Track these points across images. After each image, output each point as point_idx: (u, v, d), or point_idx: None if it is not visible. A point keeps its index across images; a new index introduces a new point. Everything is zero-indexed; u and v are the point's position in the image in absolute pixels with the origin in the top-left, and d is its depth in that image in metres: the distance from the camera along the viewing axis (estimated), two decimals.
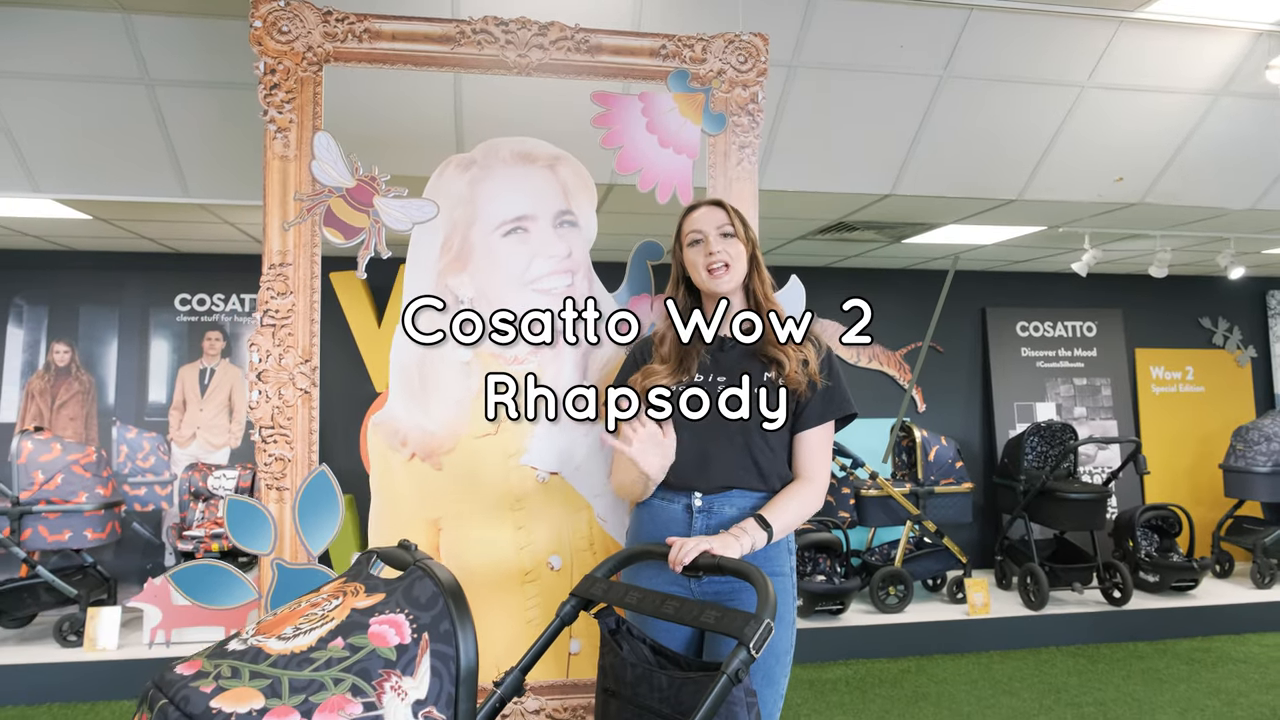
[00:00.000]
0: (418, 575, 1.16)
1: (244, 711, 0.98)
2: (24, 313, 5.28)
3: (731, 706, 1.40)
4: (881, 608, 4.92)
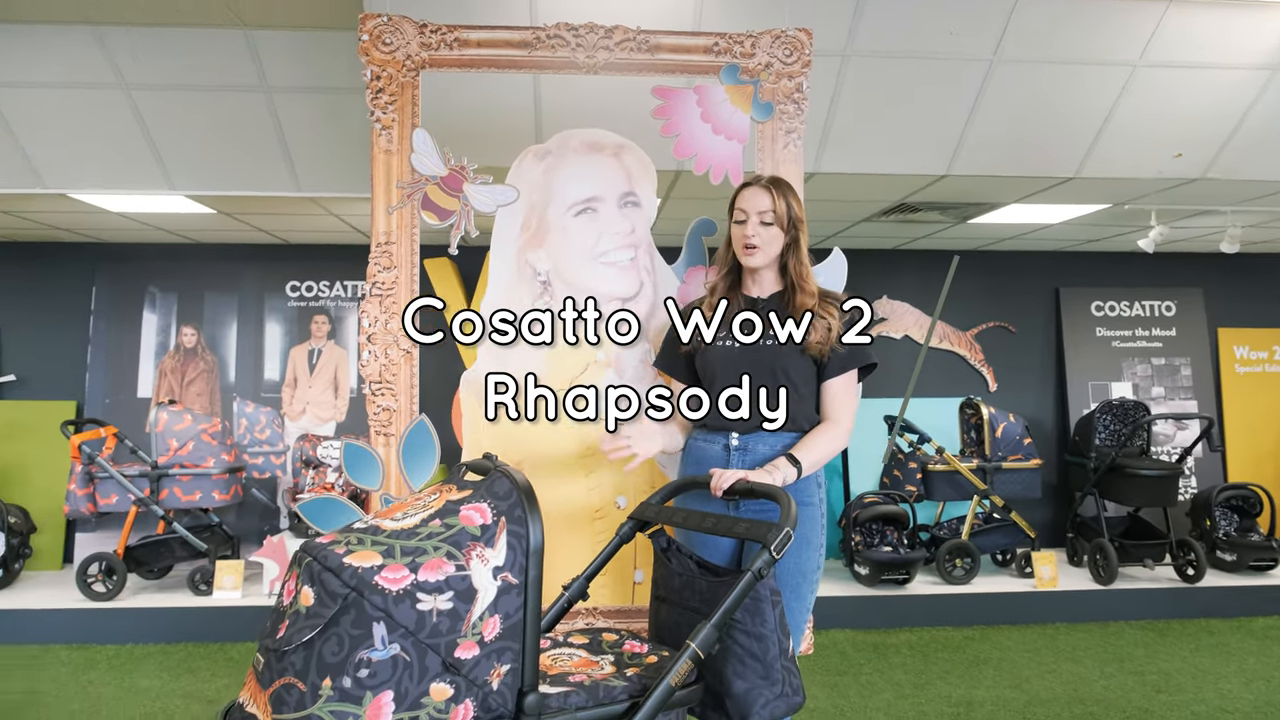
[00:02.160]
0: (498, 476, 1.46)
1: (367, 565, 1.29)
2: (156, 299, 5.88)
3: (759, 603, 1.66)
4: (948, 579, 5.06)
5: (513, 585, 1.37)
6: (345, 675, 1.24)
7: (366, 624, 1.26)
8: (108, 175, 4.08)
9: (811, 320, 2.02)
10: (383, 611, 1.26)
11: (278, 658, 1.26)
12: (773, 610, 1.66)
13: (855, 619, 4.84)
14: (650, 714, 1.46)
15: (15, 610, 4.64)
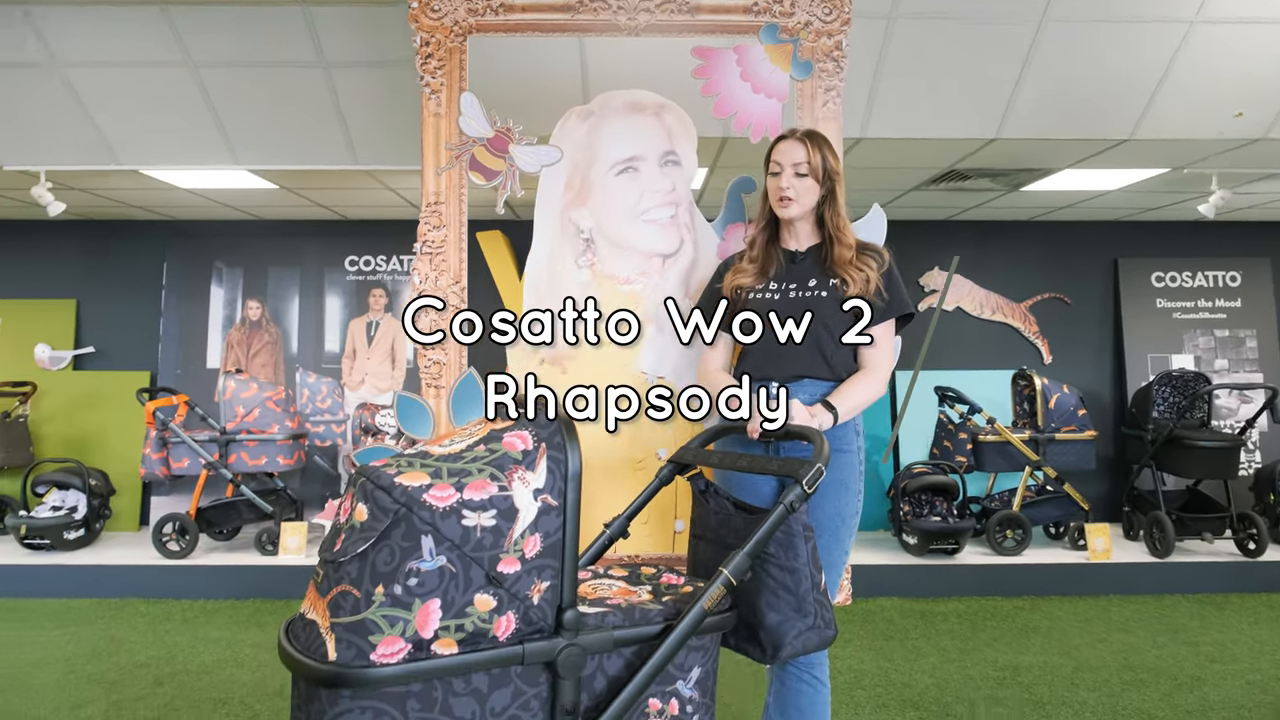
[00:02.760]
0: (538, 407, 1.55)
1: (416, 485, 1.38)
2: (223, 274, 6.12)
3: (792, 538, 1.71)
4: (999, 550, 5.03)
5: (552, 507, 1.45)
6: (396, 583, 1.33)
7: (415, 537, 1.35)
8: (176, 151, 4.27)
9: (849, 275, 2.05)
10: (430, 526, 1.35)
11: (335, 568, 1.36)
12: (805, 545, 1.71)
13: (903, 587, 4.85)
14: (683, 635, 1.53)
15: (97, 566, 4.91)
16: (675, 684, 1.59)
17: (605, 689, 1.51)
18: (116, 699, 3.38)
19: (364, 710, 1.32)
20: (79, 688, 3.50)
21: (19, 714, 3.23)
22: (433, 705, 1.35)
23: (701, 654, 1.62)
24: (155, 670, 3.71)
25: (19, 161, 4.35)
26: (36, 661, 3.81)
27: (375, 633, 1.31)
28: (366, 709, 1.32)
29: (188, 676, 3.63)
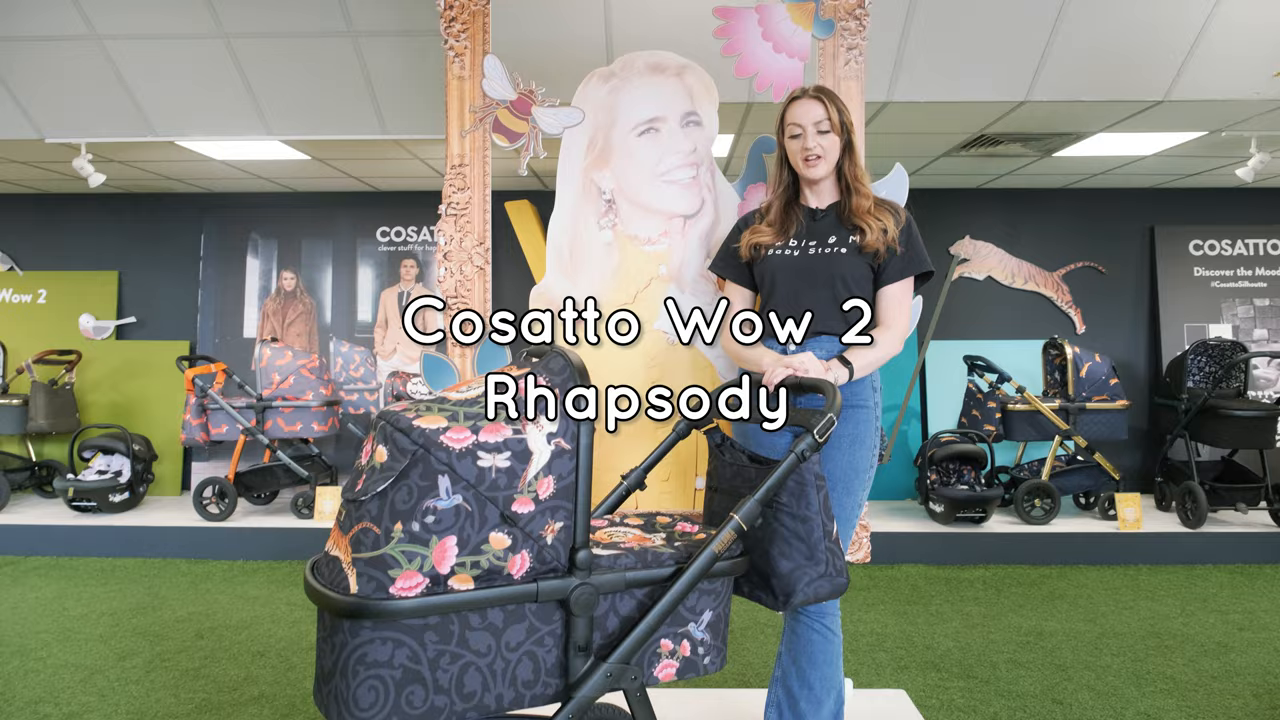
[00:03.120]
0: (554, 355, 1.58)
1: (434, 428, 1.43)
2: (259, 246, 6.24)
3: (804, 487, 1.74)
4: (1026, 519, 5.01)
5: (565, 450, 1.49)
6: (414, 520, 1.38)
7: (432, 476, 1.40)
8: (211, 122, 4.35)
9: (867, 224, 2.06)
10: (447, 466, 1.40)
11: (356, 507, 1.42)
12: (817, 494, 1.74)
13: (928, 554, 4.86)
14: (694, 577, 1.57)
15: (141, 527, 5.08)
16: (687, 626, 1.63)
17: (618, 628, 1.55)
18: (160, 650, 3.52)
19: (384, 641, 1.37)
20: (124, 639, 3.65)
21: (68, 664, 3.37)
22: (450, 638, 1.41)
23: (713, 598, 1.66)
24: (196, 624, 3.84)
25: (60, 134, 4.47)
26: (84, 615, 3.97)
27: (394, 567, 1.37)
28: (387, 640, 1.37)
29: (227, 631, 3.76)
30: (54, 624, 3.85)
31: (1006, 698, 3.04)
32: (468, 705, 1.43)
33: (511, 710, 1.48)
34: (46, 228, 6.41)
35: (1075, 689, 3.12)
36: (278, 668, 3.33)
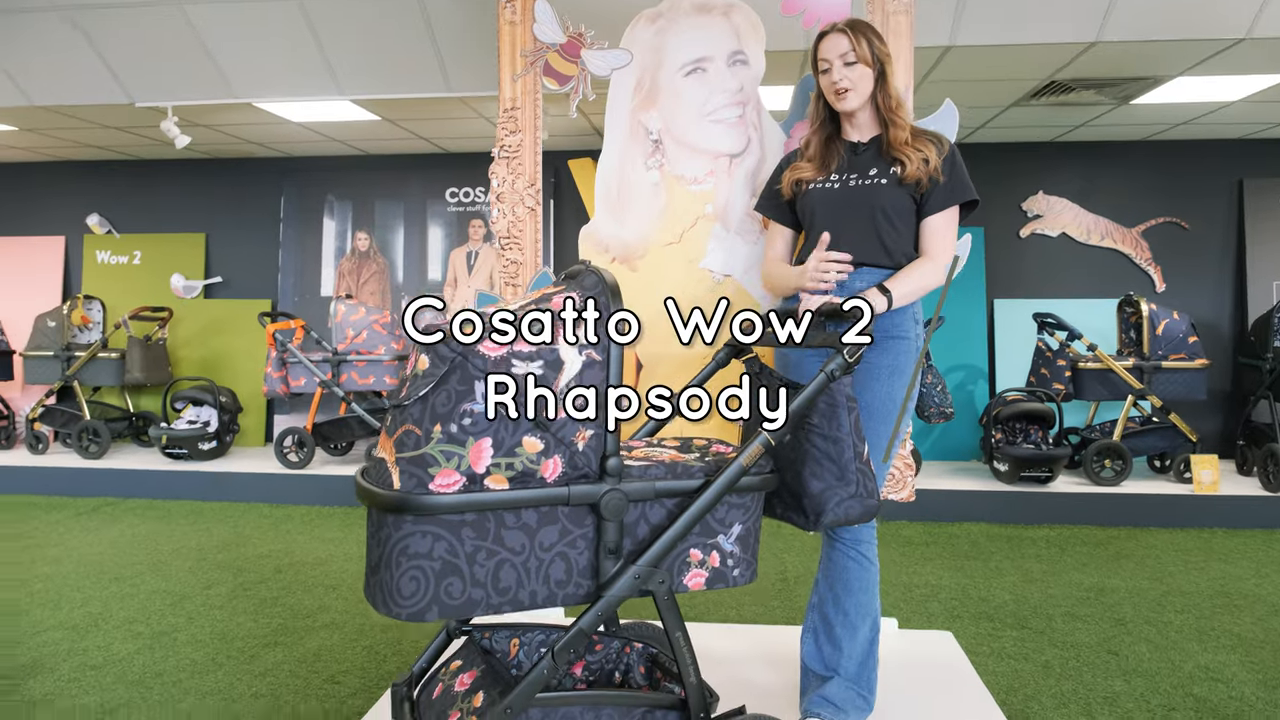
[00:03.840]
0: (587, 272, 1.64)
1: (470, 338, 1.52)
2: (334, 208, 6.46)
3: (835, 408, 1.77)
4: (1096, 480, 4.90)
5: (596, 361, 1.55)
6: (452, 422, 1.47)
7: (470, 382, 1.48)
8: (285, 82, 4.52)
9: (906, 155, 2.05)
10: (483, 372, 1.48)
11: (400, 411, 1.51)
12: (848, 415, 1.77)
13: (990, 513, 4.80)
14: (721, 488, 1.62)
15: (227, 473, 5.38)
16: (716, 537, 1.69)
17: (648, 535, 1.62)
18: (242, 581, 3.75)
19: (424, 534, 1.47)
20: (210, 571, 3.89)
21: (159, 590, 3.63)
22: (486, 535, 1.49)
23: (742, 512, 1.70)
24: (275, 560, 4.07)
25: (149, 98, 4.71)
26: (174, 550, 4.25)
27: (433, 465, 1.46)
28: (427, 533, 1.47)
29: (303, 567, 3.98)
30: (147, 557, 4.13)
31: (1060, 648, 3.02)
32: (503, 599, 1.52)
33: (545, 606, 1.56)
34: (141, 192, 6.77)
35: (1133, 642, 3.08)
36: (348, 599, 3.52)
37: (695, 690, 1.64)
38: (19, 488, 5.51)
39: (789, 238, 2.26)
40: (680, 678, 1.64)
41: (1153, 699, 2.62)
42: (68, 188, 6.83)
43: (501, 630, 1.85)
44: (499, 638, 1.84)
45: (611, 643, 1.91)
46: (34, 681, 2.72)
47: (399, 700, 1.71)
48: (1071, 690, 2.68)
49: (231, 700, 2.59)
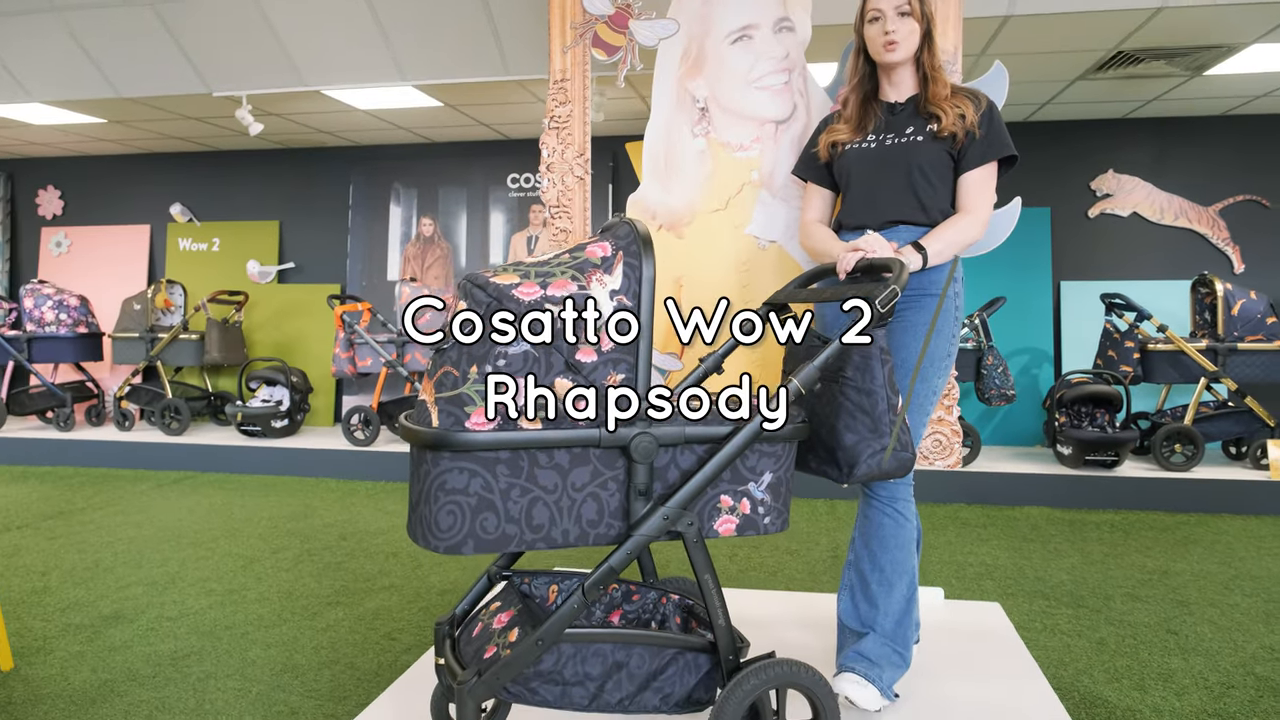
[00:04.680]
0: (620, 223, 1.69)
1: (507, 284, 1.57)
2: (400, 194, 6.65)
3: (869, 360, 1.78)
4: (1165, 465, 4.75)
5: (626, 306, 1.60)
6: (488, 364, 1.53)
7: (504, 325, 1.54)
8: (351, 69, 4.68)
9: (943, 110, 2.04)
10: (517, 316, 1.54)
11: (440, 354, 1.58)
12: (881, 367, 1.77)
13: (1052, 497, 4.70)
14: (750, 434, 1.64)
15: (297, 449, 5.59)
16: (747, 485, 1.71)
17: (678, 479, 1.65)
18: (308, 547, 3.91)
19: (461, 470, 1.53)
20: (279, 538, 4.07)
21: (232, 553, 3.81)
22: (519, 473, 1.55)
23: (773, 460, 1.73)
24: (340, 530, 4.23)
25: (224, 87, 4.92)
26: (246, 519, 4.45)
27: (469, 404, 1.52)
28: (463, 470, 1.53)
29: (366, 536, 4.12)
30: (222, 524, 4.33)
31: (1116, 625, 2.96)
32: (536, 536, 1.57)
33: (577, 545, 1.61)
34: (218, 182, 7.06)
35: (1195, 623, 3.00)
36: (407, 565, 3.64)
37: (724, 633, 1.67)
38: (107, 461, 5.82)
39: (827, 199, 2.26)
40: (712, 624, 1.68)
41: (1211, 676, 2.55)
42: (153, 179, 7.17)
43: (541, 576, 1.91)
44: (538, 583, 1.90)
45: (649, 593, 1.96)
46: (115, 630, 2.89)
47: (441, 638, 1.79)
48: (1125, 666, 2.62)
49: (294, 652, 2.71)
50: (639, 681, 1.66)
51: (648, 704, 1.67)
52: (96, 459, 5.85)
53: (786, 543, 4.01)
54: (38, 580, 3.42)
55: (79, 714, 2.28)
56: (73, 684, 2.47)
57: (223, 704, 2.35)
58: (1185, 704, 2.37)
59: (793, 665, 1.65)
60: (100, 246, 7.23)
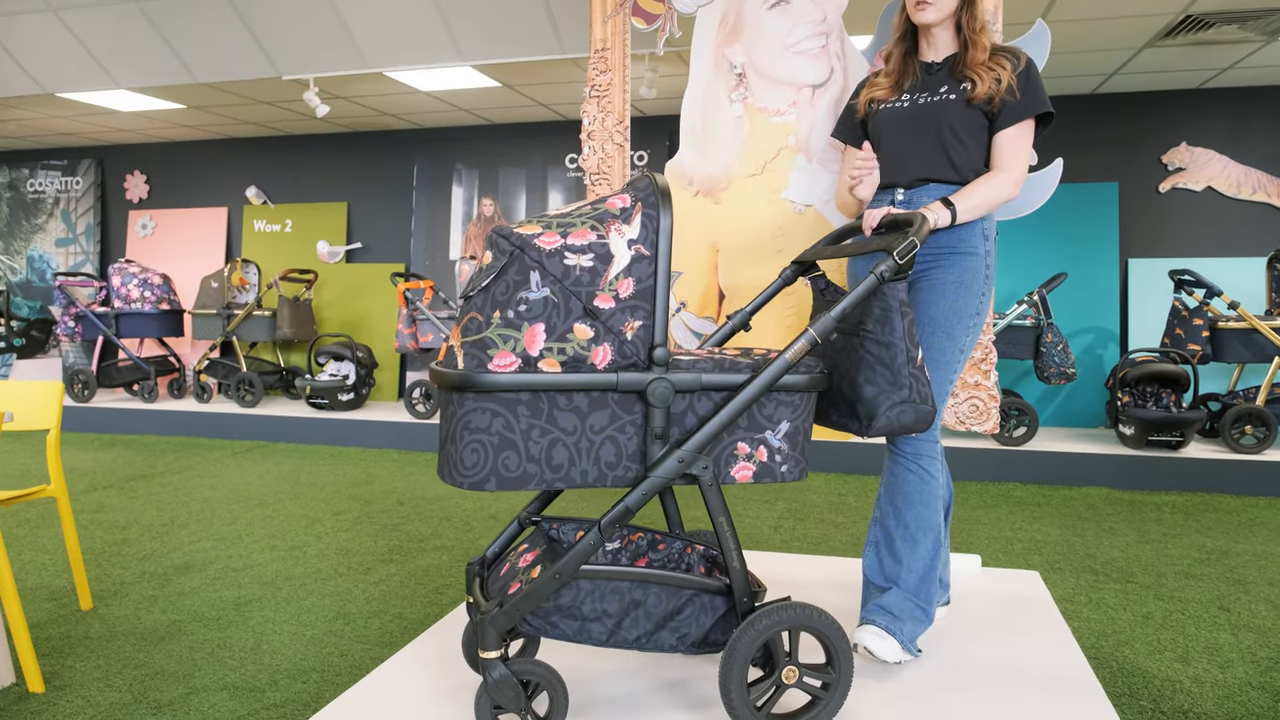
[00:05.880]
0: (640, 176, 1.74)
1: (530, 233, 1.64)
2: (462, 175, 6.80)
3: (888, 313, 1.79)
4: (1234, 448, 4.59)
5: (645, 256, 1.65)
6: (510, 309, 1.60)
7: (526, 272, 1.61)
8: (411, 50, 4.81)
9: (979, 74, 2.03)
10: (538, 263, 1.61)
11: (468, 301, 1.66)
12: (901, 320, 1.79)
13: (1112, 478, 4.59)
14: (766, 380, 1.68)
15: (362, 421, 5.80)
16: (764, 433, 1.75)
17: (695, 425, 1.70)
18: (367, 510, 4.07)
19: (484, 411, 1.61)
20: (341, 501, 4.24)
21: (296, 514, 3.99)
22: (540, 414, 1.62)
23: (791, 409, 1.76)
24: (399, 495, 4.39)
25: (293, 71, 5.11)
26: (312, 484, 4.64)
27: (492, 347, 1.60)
28: (486, 410, 1.61)
29: (423, 501, 4.27)
30: (288, 488, 4.54)
31: (1165, 601, 2.90)
32: (556, 475, 1.64)
33: (596, 486, 1.68)
34: (290, 166, 7.33)
35: (1250, 600, 2.91)
36: (459, 529, 3.77)
37: (739, 575, 1.71)
38: (186, 431, 6.13)
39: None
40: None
41: (1260, 652, 2.49)
42: (230, 163, 7.48)
43: (569, 523, 1.98)
44: (565, 529, 1.97)
45: (674, 543, 2.01)
46: (185, 578, 3.08)
47: (471, 577, 1.87)
48: (1170, 640, 2.57)
49: (347, 602, 2.85)
50: (656, 620, 1.71)
51: (664, 643, 1.73)
52: (177, 428, 6.17)
53: (833, 515, 4.01)
54: (118, 533, 3.65)
55: (148, 648, 2.45)
56: (144, 623, 2.64)
57: (278, 644, 2.49)
58: (1229, 676, 2.32)
59: (806, 608, 1.69)
60: (182, 228, 7.58)
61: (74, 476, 4.83)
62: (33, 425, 2.56)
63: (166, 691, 2.19)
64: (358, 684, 1.96)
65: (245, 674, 2.29)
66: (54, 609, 2.77)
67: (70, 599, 2.86)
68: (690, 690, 1.91)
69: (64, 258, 7.85)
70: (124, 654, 2.41)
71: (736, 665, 1.65)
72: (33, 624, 2.64)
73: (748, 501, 4.29)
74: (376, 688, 1.93)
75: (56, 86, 5.53)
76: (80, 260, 7.81)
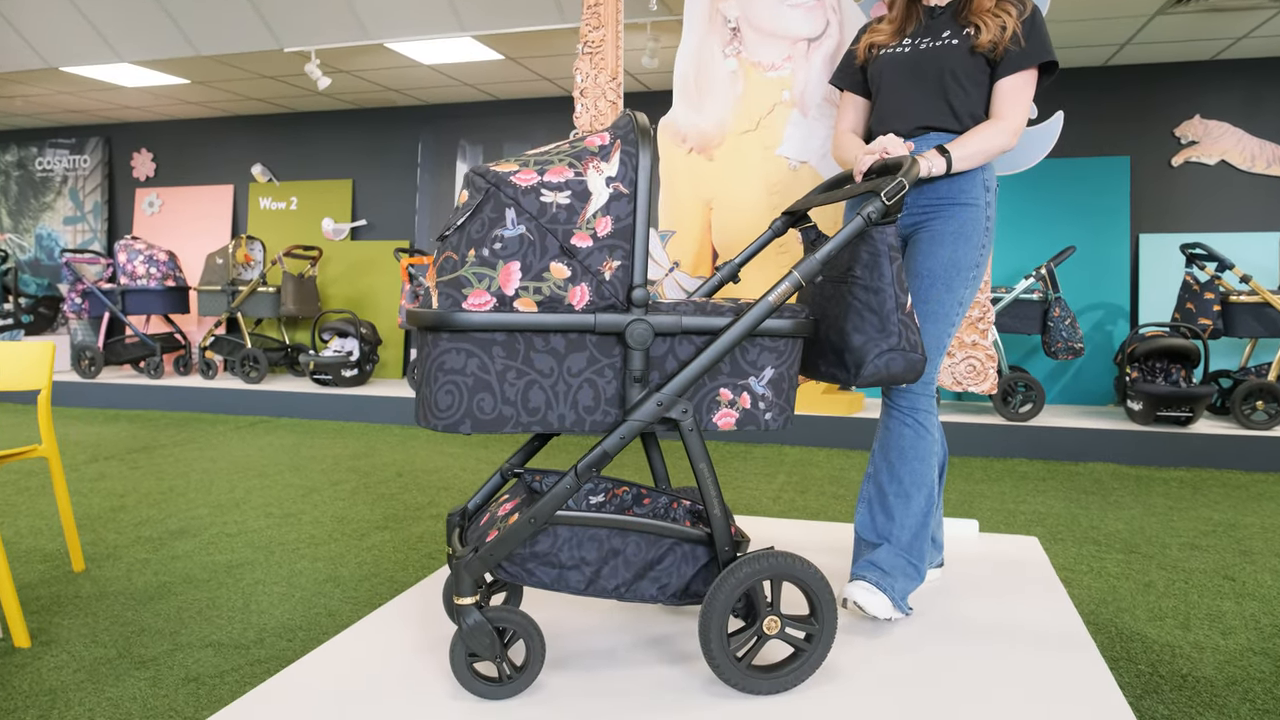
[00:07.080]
0: (623, 114, 1.70)
1: (506, 171, 1.60)
2: (466, 151, 6.77)
3: (877, 258, 1.75)
4: (1245, 424, 4.52)
5: (623, 194, 1.61)
6: (485, 247, 1.56)
7: (501, 210, 1.57)
8: (411, 21, 4.77)
9: (984, 21, 1.97)
10: (513, 200, 1.57)
11: (443, 241, 1.62)
12: (890, 265, 1.74)
13: (1120, 453, 4.52)
14: (749, 324, 1.64)
15: (365, 397, 5.79)
16: (747, 379, 1.71)
17: (676, 370, 1.66)
18: (365, 481, 4.06)
19: (459, 351, 1.57)
20: (339, 473, 4.23)
21: (294, 484, 3.99)
22: (515, 356, 1.59)
23: (775, 355, 1.72)
24: (398, 467, 4.38)
25: (294, 43, 5.08)
26: (313, 457, 4.64)
27: (466, 286, 1.56)
28: (460, 350, 1.57)
29: (421, 473, 4.25)
30: (289, 460, 4.53)
31: (1168, 570, 2.84)
32: (532, 419, 1.61)
33: (574, 431, 1.64)
34: (295, 143, 7.32)
35: (1255, 570, 2.86)
36: (457, 498, 3.75)
37: (720, 523, 1.68)
38: (191, 406, 6.14)
39: (861, 109, 2.21)
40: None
41: (1263, 619, 2.44)
42: (236, 141, 7.47)
43: (551, 475, 1.95)
44: (548, 480, 1.94)
45: (660, 498, 1.98)
46: (178, 542, 3.07)
47: (451, 526, 1.84)
48: (1171, 607, 2.52)
49: (339, 566, 2.83)
50: (635, 569, 1.68)
51: (644, 593, 1.70)
52: (181, 404, 6.18)
53: (833, 488, 3.97)
54: (116, 500, 3.65)
55: (137, 608, 2.44)
56: (135, 584, 2.63)
57: (267, 605, 2.48)
58: (1230, 643, 2.27)
59: (788, 557, 1.65)
60: (188, 205, 7.58)
61: (76, 449, 4.84)
62: (24, 385, 2.54)
63: (151, 647, 2.18)
64: (337, 636, 1.94)
65: (232, 632, 2.28)
66: (46, 570, 2.77)
67: (64, 561, 2.86)
68: (673, 645, 1.88)
69: (72, 235, 7.87)
70: (112, 612, 2.41)
71: (716, 614, 1.61)
72: (24, 584, 2.64)
73: (748, 474, 4.25)
74: (357, 640, 1.91)
75: (60, 60, 5.52)
76: (88, 238, 7.83)
